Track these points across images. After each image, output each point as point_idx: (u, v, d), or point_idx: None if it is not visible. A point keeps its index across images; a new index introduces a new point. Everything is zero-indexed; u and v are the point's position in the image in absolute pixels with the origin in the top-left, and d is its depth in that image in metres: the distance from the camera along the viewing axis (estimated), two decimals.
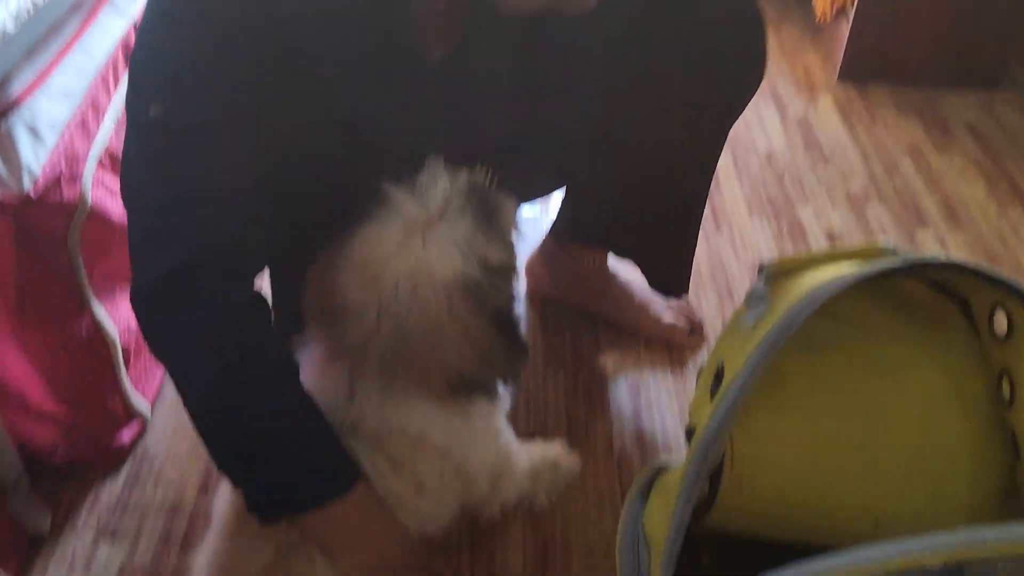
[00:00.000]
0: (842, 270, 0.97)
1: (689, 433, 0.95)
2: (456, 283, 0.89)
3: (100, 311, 1.22)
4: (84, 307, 1.19)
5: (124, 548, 1.20)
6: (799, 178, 1.94)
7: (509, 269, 0.96)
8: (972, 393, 1.00)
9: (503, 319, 0.95)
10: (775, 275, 1.01)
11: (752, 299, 0.98)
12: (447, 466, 1.01)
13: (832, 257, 1.04)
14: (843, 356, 0.98)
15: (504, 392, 1.03)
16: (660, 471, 1.06)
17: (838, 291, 0.86)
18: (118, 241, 1.24)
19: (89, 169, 1.14)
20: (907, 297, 1.05)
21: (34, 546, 1.19)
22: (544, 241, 1.55)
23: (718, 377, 0.94)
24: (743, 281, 1.67)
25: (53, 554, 1.18)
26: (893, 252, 1.05)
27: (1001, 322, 0.97)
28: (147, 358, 1.37)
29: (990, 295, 0.97)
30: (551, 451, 1.25)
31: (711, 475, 0.95)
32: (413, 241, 0.88)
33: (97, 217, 1.16)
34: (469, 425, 1.00)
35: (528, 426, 1.39)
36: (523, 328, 1.05)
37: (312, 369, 0.97)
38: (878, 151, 2.03)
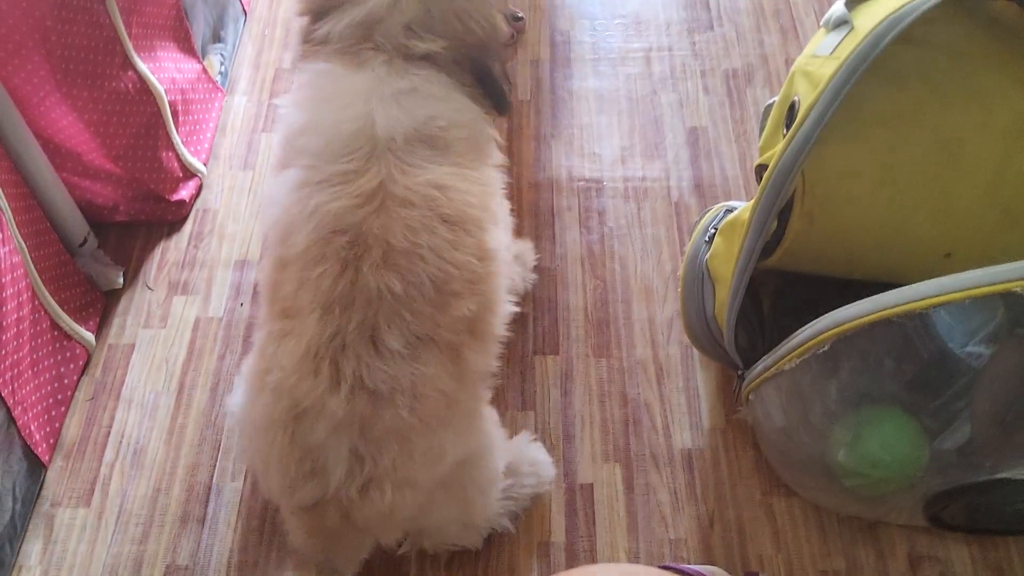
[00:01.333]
0: None
1: (759, 170, 0.92)
2: None
3: (143, 66, 1.19)
4: (127, 62, 1.16)
5: (197, 301, 1.23)
6: None
7: None
8: None
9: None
10: None
11: (831, 22, 0.92)
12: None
13: None
14: (926, 85, 0.92)
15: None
16: (726, 213, 1.05)
17: (923, 12, 0.80)
18: None
19: None
20: (999, 17, 0.97)
21: (110, 302, 1.23)
22: None
23: (792, 111, 0.89)
24: (808, 13, 1.57)
25: (129, 310, 1.23)
26: None
27: None
28: (195, 117, 1.35)
29: None
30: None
31: (780, 213, 0.93)
32: None
33: None
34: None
35: (583, 171, 1.37)
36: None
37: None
38: None
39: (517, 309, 1.01)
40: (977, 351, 0.69)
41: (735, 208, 1.07)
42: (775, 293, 1.14)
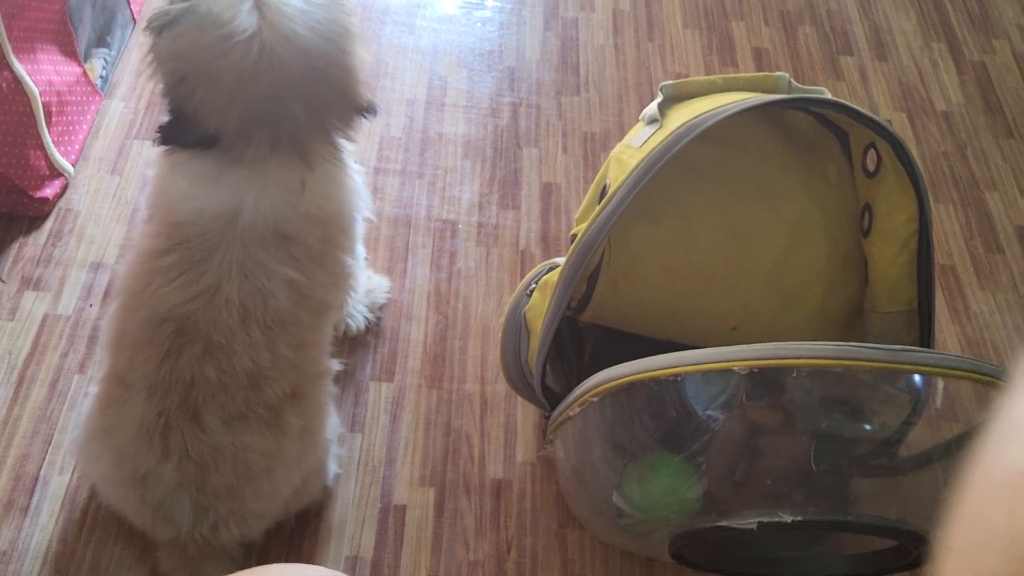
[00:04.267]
0: (737, 98, 1.03)
1: (572, 239, 1.04)
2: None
3: (19, 67, 1.23)
4: (3, 62, 1.20)
5: (48, 298, 1.27)
6: None
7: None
8: (837, 221, 1.10)
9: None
10: (672, 97, 1.06)
11: (646, 118, 1.05)
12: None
13: (729, 84, 1.09)
14: (724, 181, 1.06)
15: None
16: (549, 269, 1.16)
17: (719, 120, 0.93)
18: None
19: None
20: (794, 127, 1.12)
21: None
22: None
23: (604, 191, 1.01)
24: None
25: None
26: (788, 84, 1.11)
27: (871, 160, 1.06)
28: (69, 118, 1.39)
29: (866, 134, 1.05)
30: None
31: (589, 276, 1.05)
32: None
33: None
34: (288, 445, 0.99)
35: (442, 212, 1.47)
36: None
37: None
38: None
39: (341, 367, 1.11)
40: (715, 415, 0.81)
41: (558, 265, 1.18)
42: (595, 344, 1.26)
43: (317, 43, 0.88)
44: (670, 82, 1.07)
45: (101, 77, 1.49)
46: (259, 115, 0.89)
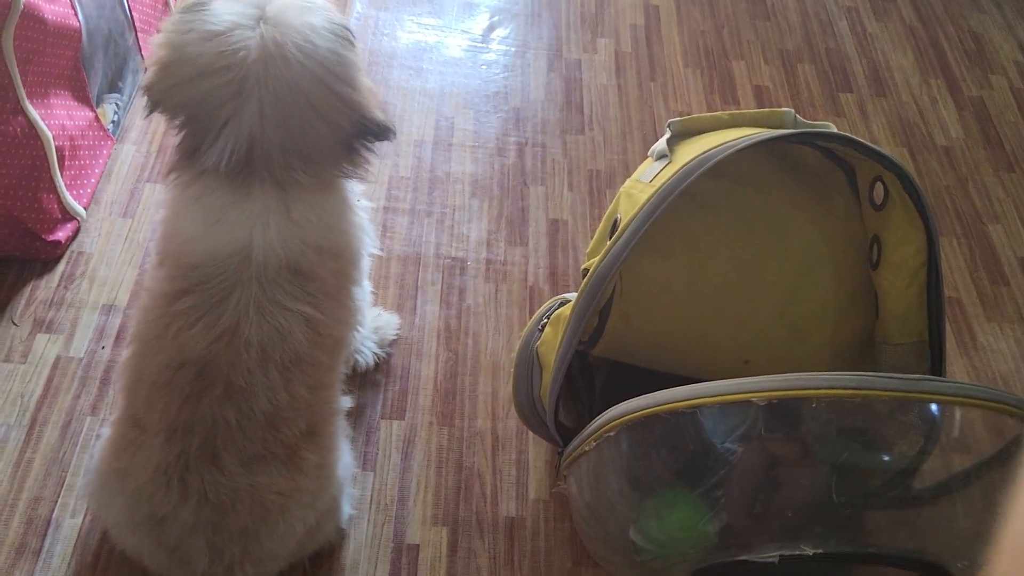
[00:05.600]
0: (743, 134, 1.05)
1: (584, 273, 1.04)
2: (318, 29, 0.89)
3: (33, 112, 1.25)
4: (18, 108, 1.21)
5: (60, 340, 1.28)
6: (738, 31, 1.97)
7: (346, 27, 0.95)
8: (845, 254, 1.11)
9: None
10: (680, 134, 1.08)
11: (655, 153, 1.06)
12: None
13: (736, 120, 1.11)
14: (733, 215, 1.07)
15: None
16: (560, 304, 1.16)
17: (727, 155, 0.94)
18: (51, 44, 1.25)
19: None
20: (801, 161, 1.13)
21: None
22: None
23: (615, 226, 1.02)
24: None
25: None
26: (793, 119, 1.13)
27: (879, 192, 1.07)
28: (81, 162, 1.40)
29: (872, 167, 1.06)
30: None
31: (601, 310, 1.05)
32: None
33: (30, 19, 1.17)
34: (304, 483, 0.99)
35: (451, 250, 1.48)
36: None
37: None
38: (817, 11, 2.06)
39: (352, 404, 1.12)
40: (733, 448, 0.81)
41: (569, 300, 1.19)
42: (606, 378, 1.26)
43: (315, 72, 0.88)
44: (677, 119, 1.08)
45: (113, 122, 1.51)
46: (259, 130, 0.88)
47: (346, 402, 1.08)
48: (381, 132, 0.96)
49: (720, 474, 0.82)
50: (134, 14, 1.56)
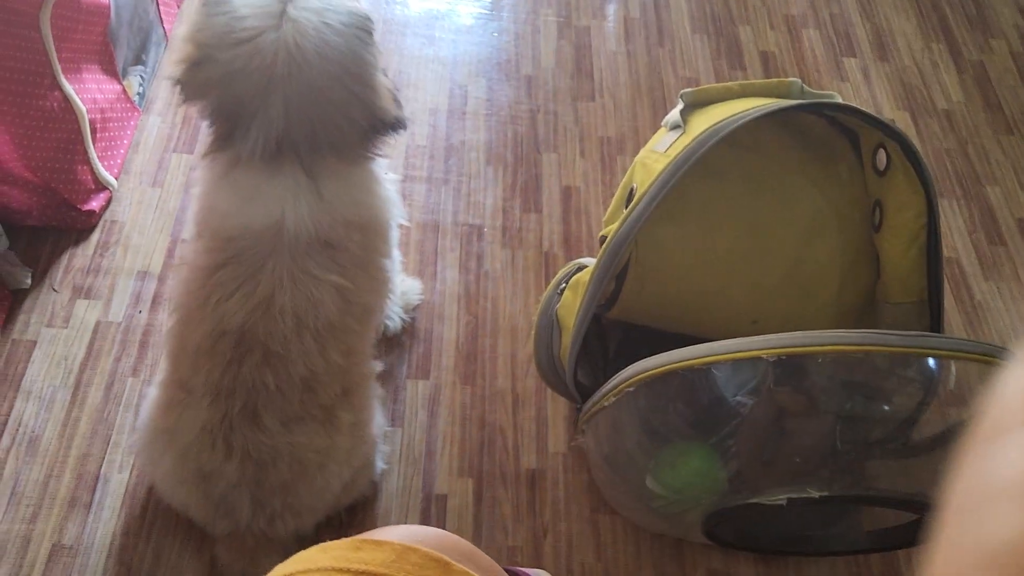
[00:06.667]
0: (752, 104, 1.10)
1: (602, 240, 1.10)
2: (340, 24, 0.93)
3: (68, 87, 1.29)
4: (55, 83, 1.26)
5: (99, 306, 1.34)
6: None
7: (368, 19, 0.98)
8: (849, 218, 1.17)
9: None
10: (692, 104, 1.13)
11: (669, 124, 1.11)
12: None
13: (745, 90, 1.16)
14: (743, 181, 1.12)
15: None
16: (577, 270, 1.22)
17: (739, 125, 0.99)
18: (84, 21, 1.29)
19: None
20: (807, 129, 1.18)
21: (16, 300, 1.32)
22: None
23: (631, 195, 1.08)
24: (679, 95, 1.78)
25: (34, 309, 1.32)
26: (800, 89, 1.18)
27: (881, 159, 1.12)
28: (111, 134, 1.46)
29: (876, 135, 1.11)
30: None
31: (617, 275, 1.11)
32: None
33: None
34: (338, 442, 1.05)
35: (467, 217, 1.54)
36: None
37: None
38: None
39: (382, 367, 1.19)
40: (743, 400, 0.87)
41: (586, 265, 1.25)
42: (619, 340, 1.33)
43: (333, 72, 0.93)
44: (689, 89, 1.13)
45: (138, 94, 1.56)
46: (284, 123, 0.92)
47: (377, 366, 1.14)
48: (395, 127, 1.01)
49: (732, 425, 0.89)
50: None
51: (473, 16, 1.87)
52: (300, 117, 0.93)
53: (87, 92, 1.36)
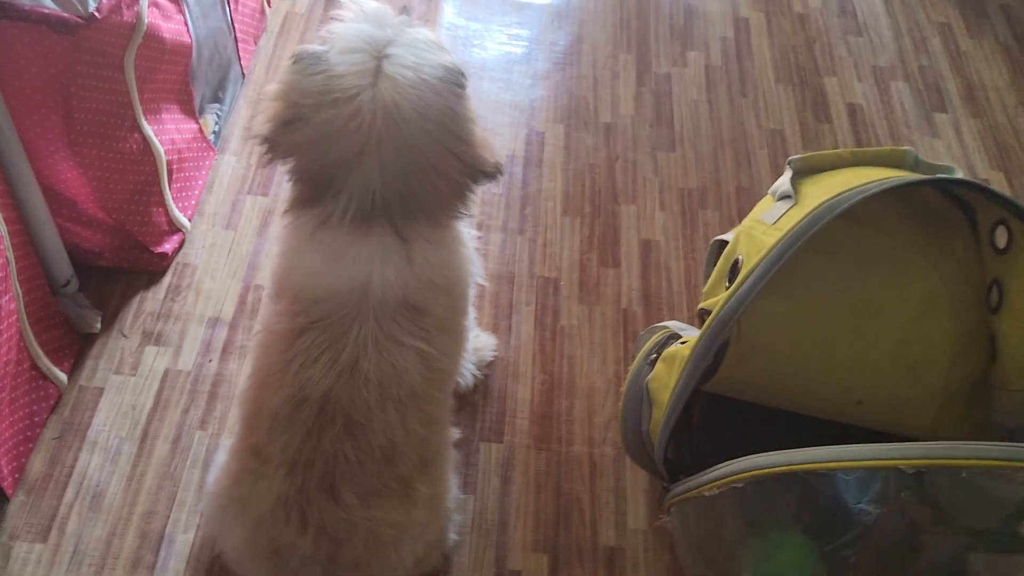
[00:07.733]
0: (865, 173, 1.03)
1: (702, 313, 1.04)
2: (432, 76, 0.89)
3: (148, 129, 1.27)
4: (135, 125, 1.24)
5: (168, 353, 1.30)
6: (830, 46, 1.94)
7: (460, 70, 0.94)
8: (964, 298, 1.09)
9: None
10: (801, 171, 1.07)
11: (777, 193, 1.05)
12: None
13: (857, 159, 1.10)
14: (854, 256, 1.06)
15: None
16: (669, 339, 1.16)
17: (858, 200, 0.93)
18: (166, 62, 1.27)
19: None
20: (921, 202, 1.11)
21: (85, 345, 1.29)
22: None
23: (735, 267, 1.02)
24: (762, 147, 1.72)
25: (103, 354, 1.29)
26: (915, 159, 1.11)
27: (1002, 237, 1.05)
28: (187, 174, 1.43)
29: (996, 211, 1.04)
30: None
31: (716, 351, 1.05)
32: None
33: (150, 39, 1.19)
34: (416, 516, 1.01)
35: (544, 269, 1.48)
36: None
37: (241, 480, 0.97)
38: (910, 27, 2.02)
39: (459, 434, 1.14)
40: (867, 509, 0.80)
41: (679, 334, 1.19)
42: (704, 408, 1.26)
43: (431, 132, 0.89)
44: (797, 156, 1.07)
45: (214, 132, 1.53)
46: (380, 184, 0.89)
47: (455, 433, 1.09)
48: (493, 175, 0.97)
49: (852, 534, 0.82)
50: (235, 24, 1.58)
51: (551, 60, 1.83)
52: (395, 178, 0.89)
53: (166, 133, 1.33)
